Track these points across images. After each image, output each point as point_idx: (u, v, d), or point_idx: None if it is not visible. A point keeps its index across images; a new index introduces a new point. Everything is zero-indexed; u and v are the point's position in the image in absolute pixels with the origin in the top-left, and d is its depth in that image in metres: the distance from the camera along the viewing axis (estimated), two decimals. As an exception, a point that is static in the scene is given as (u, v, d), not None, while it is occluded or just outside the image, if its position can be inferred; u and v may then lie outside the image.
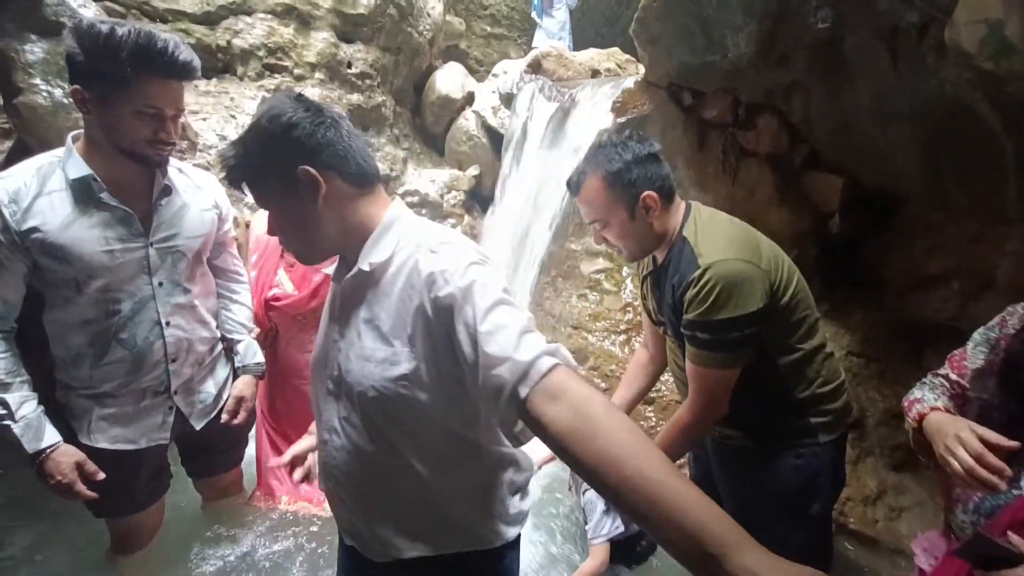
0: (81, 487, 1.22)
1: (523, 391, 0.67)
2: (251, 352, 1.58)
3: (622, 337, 2.53)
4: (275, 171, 0.80)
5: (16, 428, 1.16)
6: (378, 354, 0.81)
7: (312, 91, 3.15)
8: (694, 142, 2.80)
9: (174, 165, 1.33)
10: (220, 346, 1.53)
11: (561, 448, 0.65)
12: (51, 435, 1.21)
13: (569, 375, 0.69)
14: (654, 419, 2.29)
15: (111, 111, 1.13)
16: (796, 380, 1.25)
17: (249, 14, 3.04)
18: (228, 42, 2.97)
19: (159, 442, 1.40)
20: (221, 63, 3.00)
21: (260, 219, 1.82)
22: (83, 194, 1.18)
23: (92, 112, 1.14)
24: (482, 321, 0.71)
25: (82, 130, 1.22)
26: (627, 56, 3.90)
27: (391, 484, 0.88)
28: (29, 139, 1.69)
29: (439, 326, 0.76)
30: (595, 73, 3.69)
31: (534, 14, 5.64)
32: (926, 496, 1.85)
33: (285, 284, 1.78)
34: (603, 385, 2.45)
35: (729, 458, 1.37)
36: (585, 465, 0.63)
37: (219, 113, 2.79)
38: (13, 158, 2.01)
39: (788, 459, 1.27)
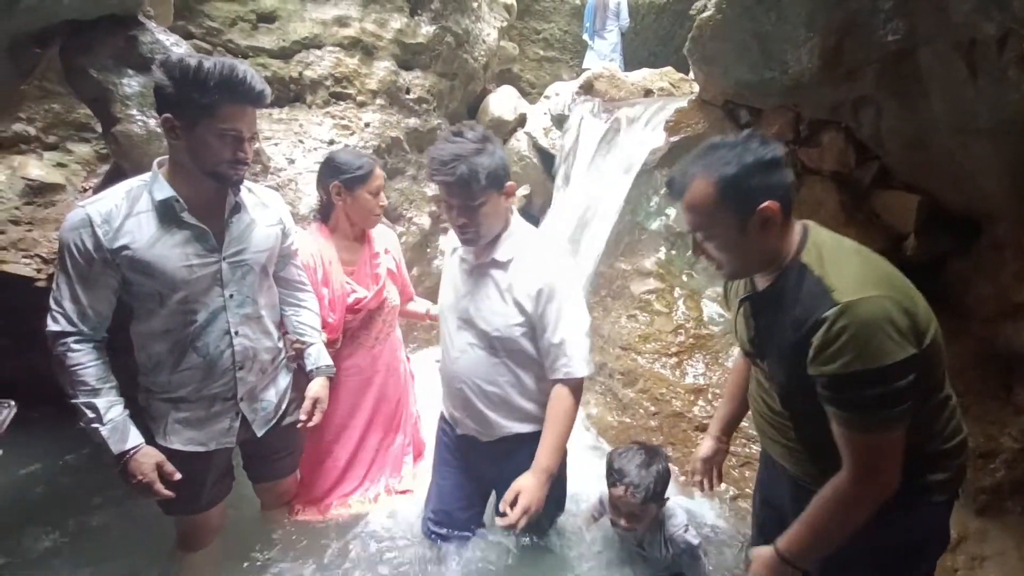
0: (160, 486, 1.31)
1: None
2: (323, 355, 1.66)
3: (673, 360, 2.45)
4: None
5: (104, 430, 1.26)
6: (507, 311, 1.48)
7: (372, 116, 3.32)
8: (752, 160, 2.71)
9: (243, 185, 1.42)
10: (283, 355, 1.61)
11: None
12: (135, 437, 1.31)
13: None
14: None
15: (198, 136, 1.24)
16: (926, 433, 1.06)
17: (319, 47, 3.25)
18: (300, 73, 3.19)
19: (225, 445, 1.48)
20: (293, 93, 3.22)
21: (302, 239, 1.81)
22: (166, 214, 1.29)
23: (180, 138, 1.24)
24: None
25: (166, 156, 1.33)
26: (680, 75, 3.87)
27: (507, 386, 1.51)
28: (124, 163, 1.87)
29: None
30: (648, 93, 3.67)
31: (586, 36, 5.71)
32: (1010, 544, 1.66)
33: (358, 289, 1.87)
34: (652, 409, 2.38)
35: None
36: None
37: (289, 139, 2.99)
38: (109, 180, 2.23)
39: (897, 517, 1.07)
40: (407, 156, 3.57)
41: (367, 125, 3.28)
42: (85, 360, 1.27)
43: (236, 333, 1.41)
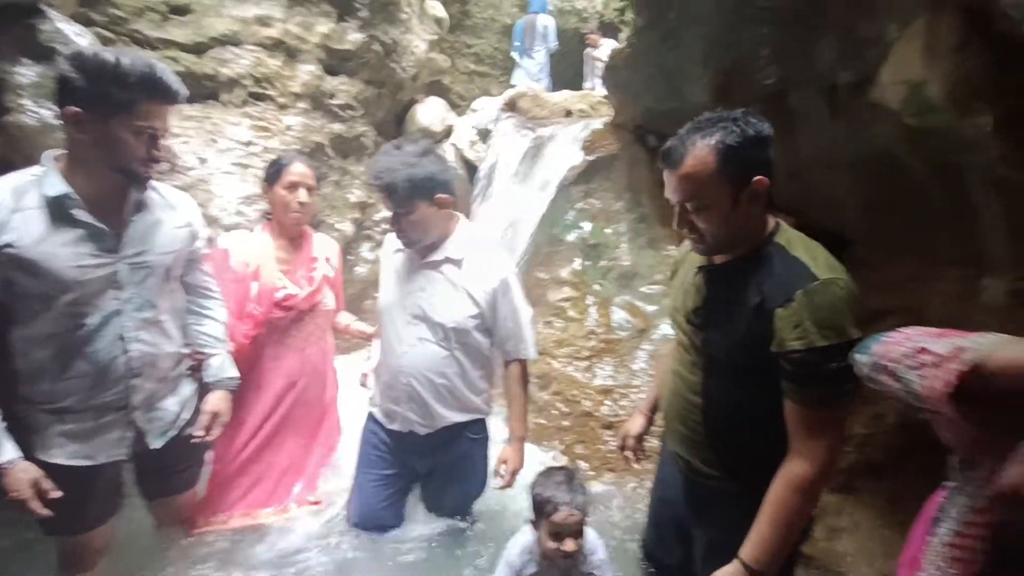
0: (36, 504, 1.22)
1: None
2: (226, 367, 1.59)
3: (585, 363, 2.61)
4: None
5: None
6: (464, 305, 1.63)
7: (294, 119, 3.25)
8: (659, 180, 2.94)
9: (149, 184, 1.37)
10: (185, 363, 1.54)
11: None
12: (9, 451, 1.22)
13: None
14: (612, 443, 2.34)
15: (111, 131, 1.20)
16: None
17: (237, 45, 3.14)
18: (215, 70, 3.06)
19: (116, 458, 1.39)
20: (207, 90, 3.08)
21: (236, 240, 1.88)
22: (58, 211, 1.22)
23: (88, 133, 1.19)
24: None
25: (58, 150, 1.27)
26: (599, 98, 4.12)
27: (453, 377, 1.63)
28: (14, 156, 1.73)
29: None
30: (568, 113, 3.88)
31: (515, 55, 5.89)
32: (862, 517, 1.93)
33: (289, 286, 1.86)
34: (565, 409, 2.51)
35: (706, 499, 1.28)
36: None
37: (201, 137, 2.85)
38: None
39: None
40: (330, 162, 3.52)
41: (288, 128, 3.20)
42: None
43: (132, 338, 1.34)
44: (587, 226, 2.97)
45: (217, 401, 1.56)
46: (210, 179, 2.69)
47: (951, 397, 0.64)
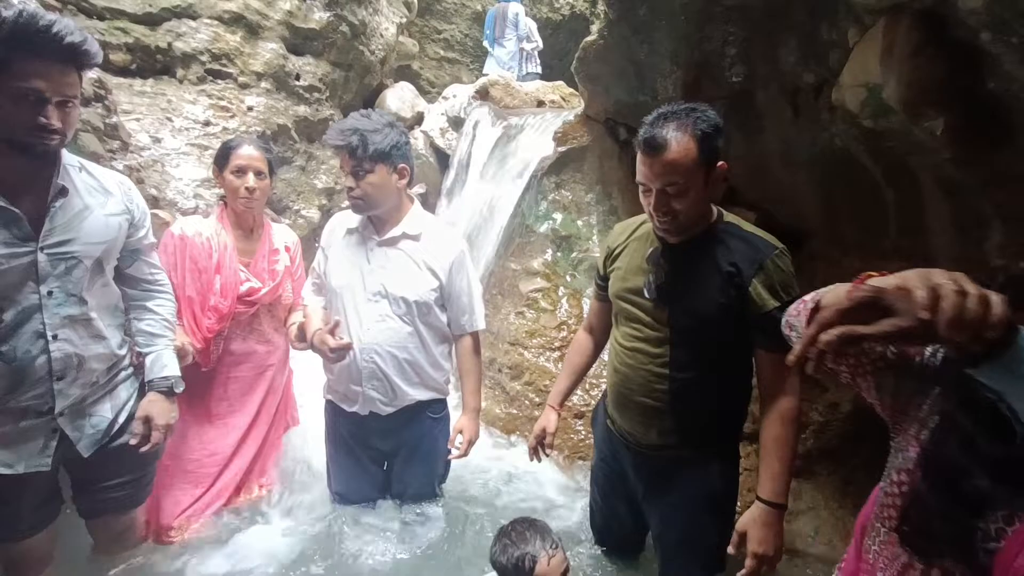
0: None
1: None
2: (158, 365, 1.44)
3: (556, 354, 2.63)
4: None
5: None
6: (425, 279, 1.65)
7: (257, 100, 3.12)
8: (629, 172, 2.98)
9: (80, 164, 1.25)
10: (124, 364, 1.41)
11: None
12: None
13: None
14: (583, 432, 2.39)
15: None
16: (748, 388, 1.34)
17: (194, 18, 2.98)
18: (169, 44, 2.90)
19: (39, 468, 1.25)
20: (160, 64, 2.91)
21: (192, 226, 1.80)
22: None
23: None
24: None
25: None
26: (571, 90, 4.13)
27: (415, 352, 1.65)
28: None
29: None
30: (540, 104, 3.88)
31: (486, 43, 5.83)
32: (820, 500, 2.04)
33: (252, 279, 1.82)
34: (536, 400, 2.53)
35: (659, 468, 1.40)
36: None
37: (154, 114, 2.70)
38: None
39: (717, 465, 1.35)
40: (295, 145, 3.40)
41: (250, 109, 3.07)
42: None
43: (55, 337, 1.21)
44: (559, 217, 2.98)
45: (149, 405, 1.39)
46: (165, 160, 2.56)
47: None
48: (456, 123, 3.95)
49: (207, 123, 2.85)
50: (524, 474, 2.26)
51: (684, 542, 1.40)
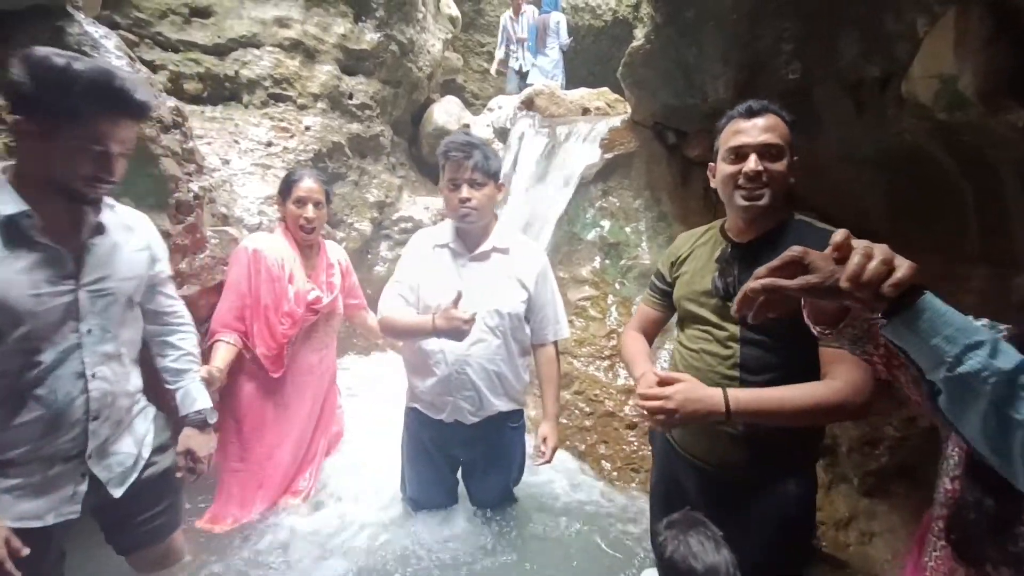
0: (10, 565, 1.03)
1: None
2: (188, 400, 1.43)
3: (606, 363, 2.60)
4: None
5: None
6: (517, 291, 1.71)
7: (313, 119, 3.28)
8: (677, 178, 2.94)
9: (105, 202, 1.23)
10: (138, 398, 1.37)
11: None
12: None
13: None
14: (636, 443, 2.34)
15: (55, 146, 1.06)
16: None
17: (258, 47, 3.18)
18: (236, 72, 3.10)
19: (68, 517, 1.18)
20: (228, 91, 3.12)
21: (264, 241, 1.94)
22: (13, 233, 1.07)
23: (31, 144, 1.07)
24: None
25: (8, 162, 1.13)
26: (616, 96, 4.10)
27: (501, 363, 1.70)
28: None
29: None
30: (585, 111, 3.87)
31: (499, 54, 5.89)
32: (897, 522, 1.90)
33: (316, 289, 1.97)
34: (587, 409, 2.51)
35: (726, 490, 1.31)
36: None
37: (223, 138, 2.89)
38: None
39: (792, 488, 1.25)
40: (349, 161, 3.55)
41: (307, 128, 3.24)
42: None
43: (93, 376, 1.18)
44: (606, 224, 2.96)
45: (187, 440, 1.39)
46: (233, 180, 2.73)
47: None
48: (502, 134, 4.01)
49: (269, 144, 3.02)
50: (577, 485, 2.24)
51: (757, 566, 1.27)
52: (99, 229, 1.20)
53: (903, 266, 0.65)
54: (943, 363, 0.62)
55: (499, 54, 5.87)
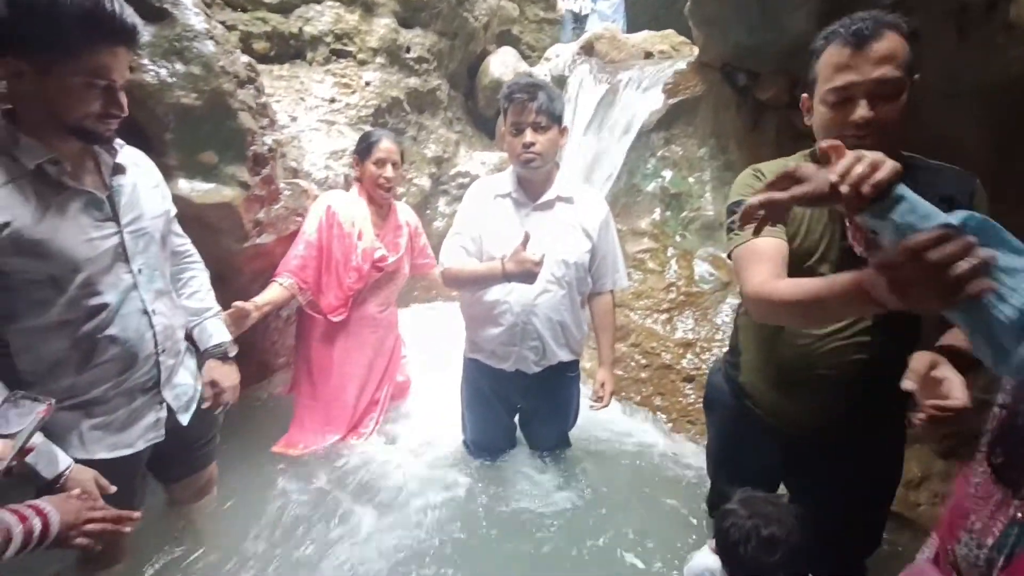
0: (103, 504, 1.07)
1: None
2: (206, 335, 1.45)
3: (664, 316, 2.57)
4: None
5: (28, 457, 1.01)
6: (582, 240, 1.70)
7: (373, 75, 3.32)
8: (748, 123, 2.77)
9: (116, 144, 1.19)
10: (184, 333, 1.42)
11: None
12: (64, 456, 1.08)
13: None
14: (692, 396, 2.33)
15: (55, 84, 0.99)
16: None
17: (319, 2, 3.22)
18: (300, 29, 3.17)
19: (155, 441, 1.28)
20: (293, 49, 3.20)
21: (338, 199, 2.05)
22: (44, 181, 1.05)
23: (29, 86, 1.00)
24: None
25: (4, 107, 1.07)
26: (682, 38, 3.86)
27: (565, 313, 1.71)
28: (137, 113, 1.87)
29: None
30: (648, 55, 3.68)
31: (581, 3, 5.61)
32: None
33: (382, 248, 2.06)
34: (643, 361, 2.51)
35: (823, 454, 1.20)
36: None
37: (290, 96, 2.99)
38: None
39: (890, 446, 1.21)
40: (407, 116, 3.58)
41: (367, 84, 3.28)
42: None
43: (154, 311, 1.22)
44: (668, 174, 2.85)
45: (212, 371, 1.42)
46: (300, 136, 2.84)
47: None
48: (560, 83, 3.89)
49: (332, 100, 3.10)
50: (631, 431, 2.28)
51: (845, 526, 1.22)
52: (120, 169, 1.18)
53: (887, 166, 0.72)
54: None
55: None
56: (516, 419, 2.01)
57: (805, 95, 1.16)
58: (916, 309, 0.71)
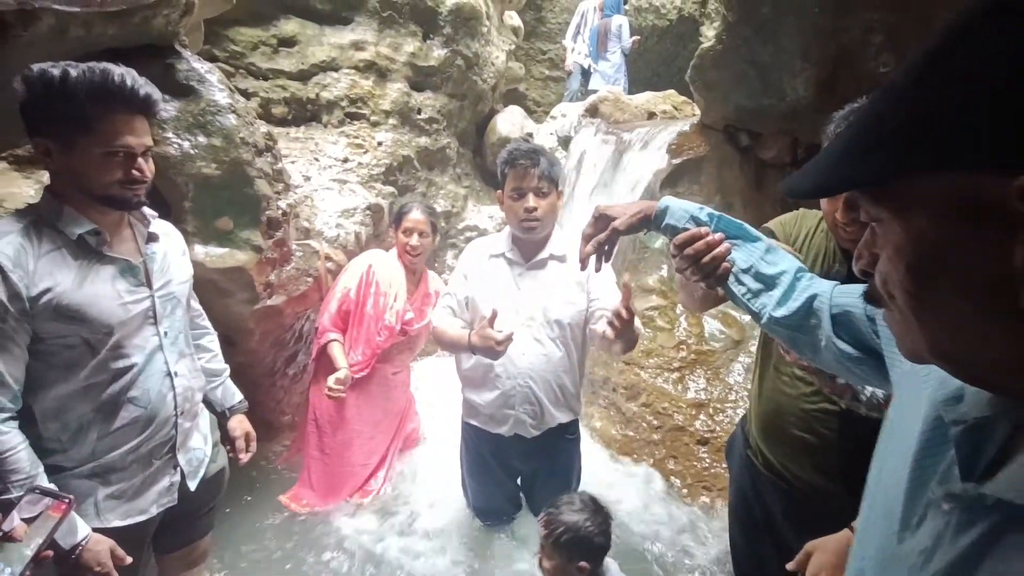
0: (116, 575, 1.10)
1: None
2: (228, 394, 1.54)
3: (675, 375, 2.52)
4: None
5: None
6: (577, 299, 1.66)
7: (385, 135, 3.44)
8: (752, 182, 2.82)
9: (145, 211, 1.25)
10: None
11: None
12: (83, 525, 1.09)
13: None
14: (707, 460, 2.26)
15: (78, 158, 1.06)
16: None
17: (336, 70, 3.39)
18: (317, 95, 3.32)
19: (167, 506, 1.28)
20: (309, 112, 3.35)
21: (379, 259, 2.17)
22: (85, 249, 1.11)
23: (59, 163, 1.07)
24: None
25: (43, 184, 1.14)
26: (683, 98, 3.99)
27: (560, 373, 1.66)
28: (160, 182, 1.95)
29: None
30: (651, 116, 3.79)
31: (589, 60, 5.85)
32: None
33: (411, 312, 2.15)
34: (655, 422, 2.44)
35: (820, 514, 1.17)
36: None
37: (305, 157, 3.10)
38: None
39: None
40: (417, 173, 3.68)
41: (380, 144, 3.40)
42: (15, 442, 1.04)
43: (176, 373, 1.26)
44: (674, 231, 2.88)
45: (240, 425, 1.51)
46: (313, 195, 2.92)
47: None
48: (566, 142, 4.01)
49: (345, 160, 3.20)
50: (645, 501, 2.19)
51: None
52: (153, 237, 1.25)
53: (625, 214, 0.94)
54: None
55: (569, 42, 5.86)
56: (519, 481, 1.95)
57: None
58: (698, 284, 0.89)
